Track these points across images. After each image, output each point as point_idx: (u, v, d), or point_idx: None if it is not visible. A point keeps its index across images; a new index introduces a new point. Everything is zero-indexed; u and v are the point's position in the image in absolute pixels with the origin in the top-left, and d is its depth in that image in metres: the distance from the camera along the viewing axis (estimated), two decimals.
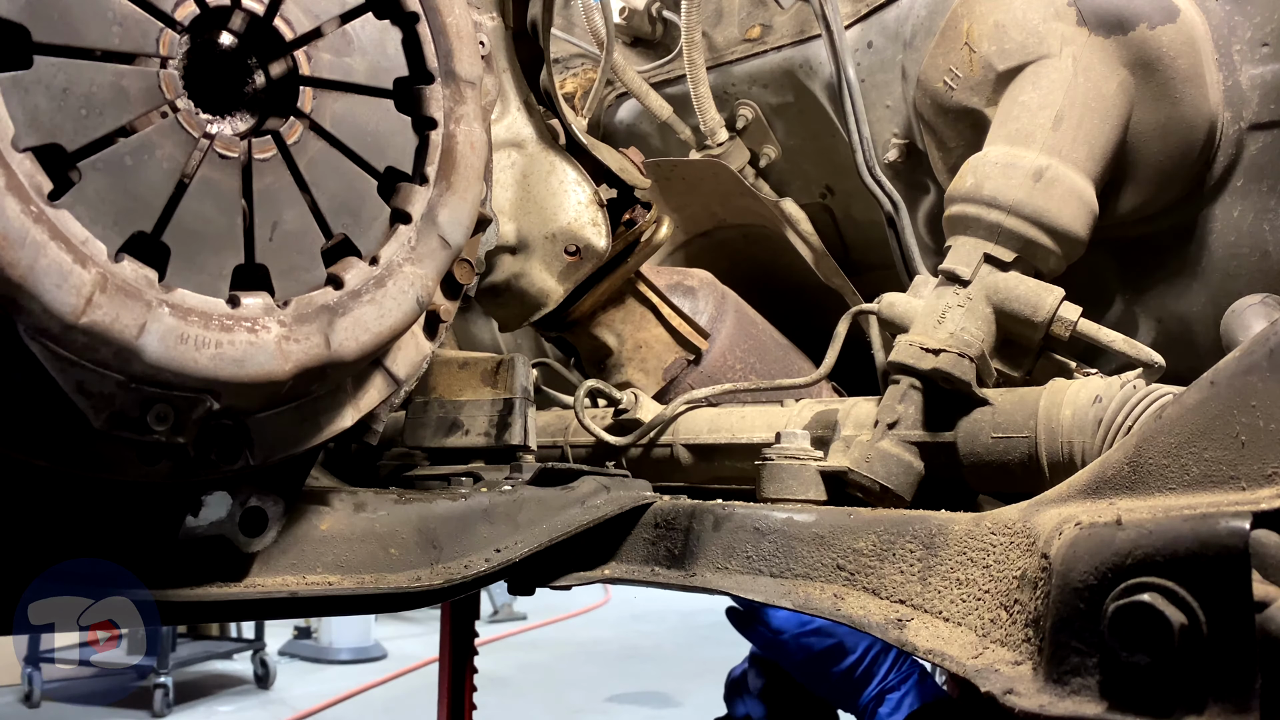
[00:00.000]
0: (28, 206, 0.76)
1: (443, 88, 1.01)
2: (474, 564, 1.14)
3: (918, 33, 1.75)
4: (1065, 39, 1.46)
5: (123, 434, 0.84)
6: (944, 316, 1.33)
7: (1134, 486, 0.77)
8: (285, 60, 0.92)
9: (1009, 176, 1.39)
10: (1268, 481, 0.69)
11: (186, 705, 6.00)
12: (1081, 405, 1.13)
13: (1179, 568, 0.65)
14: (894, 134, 1.87)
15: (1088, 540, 0.71)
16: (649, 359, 1.74)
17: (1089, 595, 0.69)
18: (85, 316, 0.77)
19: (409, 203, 0.98)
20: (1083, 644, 0.69)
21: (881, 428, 1.27)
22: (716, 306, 1.84)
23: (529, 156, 1.57)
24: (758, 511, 1.09)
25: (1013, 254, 1.37)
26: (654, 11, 2.26)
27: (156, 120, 0.83)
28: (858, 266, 2.17)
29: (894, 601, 0.93)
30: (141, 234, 0.83)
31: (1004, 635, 0.80)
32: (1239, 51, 1.46)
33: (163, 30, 0.84)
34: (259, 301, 0.88)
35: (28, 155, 0.77)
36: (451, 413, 1.49)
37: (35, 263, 0.75)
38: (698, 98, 2.09)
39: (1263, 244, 1.49)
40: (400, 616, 8.36)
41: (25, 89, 0.77)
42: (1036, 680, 0.73)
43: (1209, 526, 0.64)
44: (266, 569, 1.04)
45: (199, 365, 0.83)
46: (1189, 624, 0.63)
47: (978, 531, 0.89)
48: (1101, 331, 1.30)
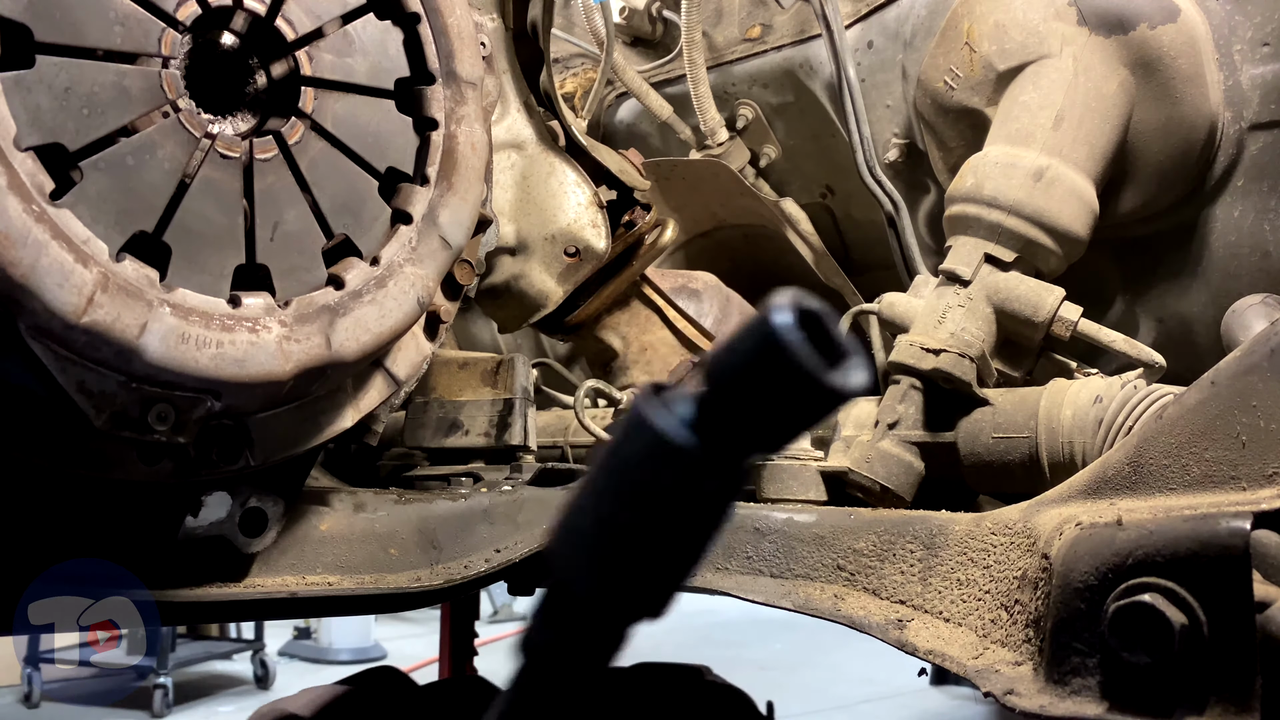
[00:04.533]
0: (29, 206, 0.76)
1: (444, 88, 1.01)
2: (474, 564, 1.14)
3: (918, 32, 1.75)
4: (1066, 39, 1.46)
5: (124, 434, 0.84)
6: (944, 316, 1.33)
7: (1135, 487, 0.77)
8: (287, 60, 0.92)
9: (1009, 176, 1.39)
10: (1268, 482, 0.69)
11: (186, 705, 6.00)
12: (1082, 405, 1.13)
13: (1180, 568, 0.65)
14: (894, 134, 1.87)
15: (1088, 540, 0.71)
16: (654, 362, 1.74)
17: (1090, 595, 0.69)
18: (86, 316, 0.77)
19: (410, 203, 0.98)
20: (1083, 644, 0.69)
21: (882, 428, 1.27)
22: (721, 309, 1.84)
23: (529, 158, 1.57)
24: (758, 511, 1.09)
25: (1013, 254, 1.37)
26: (654, 11, 2.25)
27: (158, 120, 0.83)
28: (858, 266, 2.17)
29: (894, 602, 0.93)
30: (143, 234, 0.83)
31: (1004, 636, 0.80)
32: (1239, 51, 1.46)
33: (165, 30, 0.84)
34: (260, 301, 0.88)
35: (29, 154, 0.77)
36: (451, 413, 1.49)
37: (37, 262, 0.75)
38: (698, 97, 2.09)
39: (1263, 244, 1.49)
40: (400, 617, 8.36)
41: (27, 88, 0.77)
42: (1037, 681, 0.73)
43: (1210, 527, 0.64)
44: (266, 569, 1.04)
45: (200, 365, 0.83)
46: (1190, 624, 0.63)
47: (978, 532, 0.89)
48: (1102, 332, 1.30)
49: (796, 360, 0.40)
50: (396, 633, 7.54)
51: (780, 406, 0.42)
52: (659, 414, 0.44)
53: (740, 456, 0.44)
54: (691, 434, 0.43)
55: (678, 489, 0.44)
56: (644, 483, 0.44)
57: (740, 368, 0.42)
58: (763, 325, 0.41)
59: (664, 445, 0.43)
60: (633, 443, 0.44)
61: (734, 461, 0.44)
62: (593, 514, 0.46)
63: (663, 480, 0.44)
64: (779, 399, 0.41)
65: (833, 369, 0.41)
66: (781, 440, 0.44)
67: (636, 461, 0.44)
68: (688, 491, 0.44)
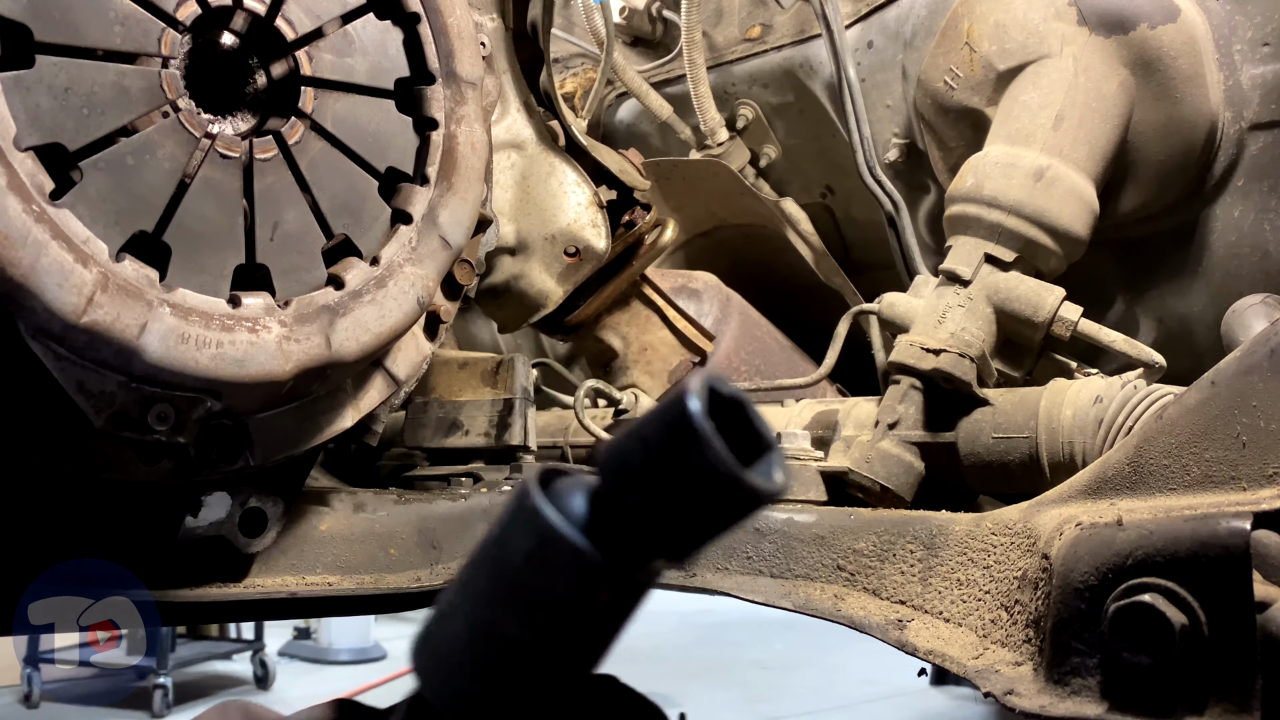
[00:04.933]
0: (29, 206, 0.76)
1: (444, 88, 1.01)
2: None
3: (918, 32, 1.75)
4: (1066, 39, 1.46)
5: (123, 434, 0.84)
6: (944, 316, 1.33)
7: (1135, 487, 0.77)
8: (287, 60, 0.92)
9: (1009, 176, 1.39)
10: (1269, 482, 0.68)
11: (186, 706, 5.99)
12: (1082, 405, 1.13)
13: (1180, 568, 0.64)
14: (894, 134, 1.87)
15: (1089, 541, 0.71)
16: (654, 361, 1.74)
17: (1090, 596, 0.69)
18: (86, 316, 0.77)
19: (410, 203, 0.98)
20: (1083, 644, 0.69)
21: (882, 428, 1.27)
22: (721, 309, 1.84)
23: (529, 158, 1.57)
24: None
25: (1013, 254, 1.37)
26: (654, 11, 2.25)
27: (158, 120, 0.83)
28: (858, 266, 2.17)
29: (894, 602, 0.93)
30: (143, 234, 0.83)
31: (1005, 636, 0.80)
32: (1240, 51, 1.46)
33: (164, 30, 0.84)
34: (260, 301, 0.88)
35: (29, 154, 0.77)
36: (451, 413, 1.49)
37: (37, 262, 0.75)
38: (698, 97, 2.09)
39: (1263, 244, 1.49)
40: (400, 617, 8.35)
41: (27, 88, 0.77)
42: (1037, 681, 0.73)
43: (1210, 527, 0.64)
44: (266, 569, 1.04)
45: (200, 365, 0.83)
46: (1190, 625, 0.63)
47: (978, 532, 0.89)
48: (1102, 331, 1.30)
49: (709, 455, 0.35)
50: (396, 633, 7.53)
51: (689, 508, 0.36)
52: (549, 510, 0.38)
53: (640, 563, 0.39)
54: (584, 536, 0.38)
55: (567, 598, 0.38)
56: (528, 588, 0.38)
57: (645, 461, 0.36)
58: (672, 412, 0.36)
59: (554, 546, 0.38)
60: (519, 539, 0.39)
61: (633, 569, 0.39)
62: (467, 617, 0.40)
63: (551, 588, 0.38)
64: (688, 499, 0.36)
65: (751, 466, 0.36)
66: (689, 547, 0.38)
67: (521, 562, 0.39)
68: (579, 601, 0.38)
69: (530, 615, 0.38)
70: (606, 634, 0.40)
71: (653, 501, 0.36)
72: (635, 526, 0.37)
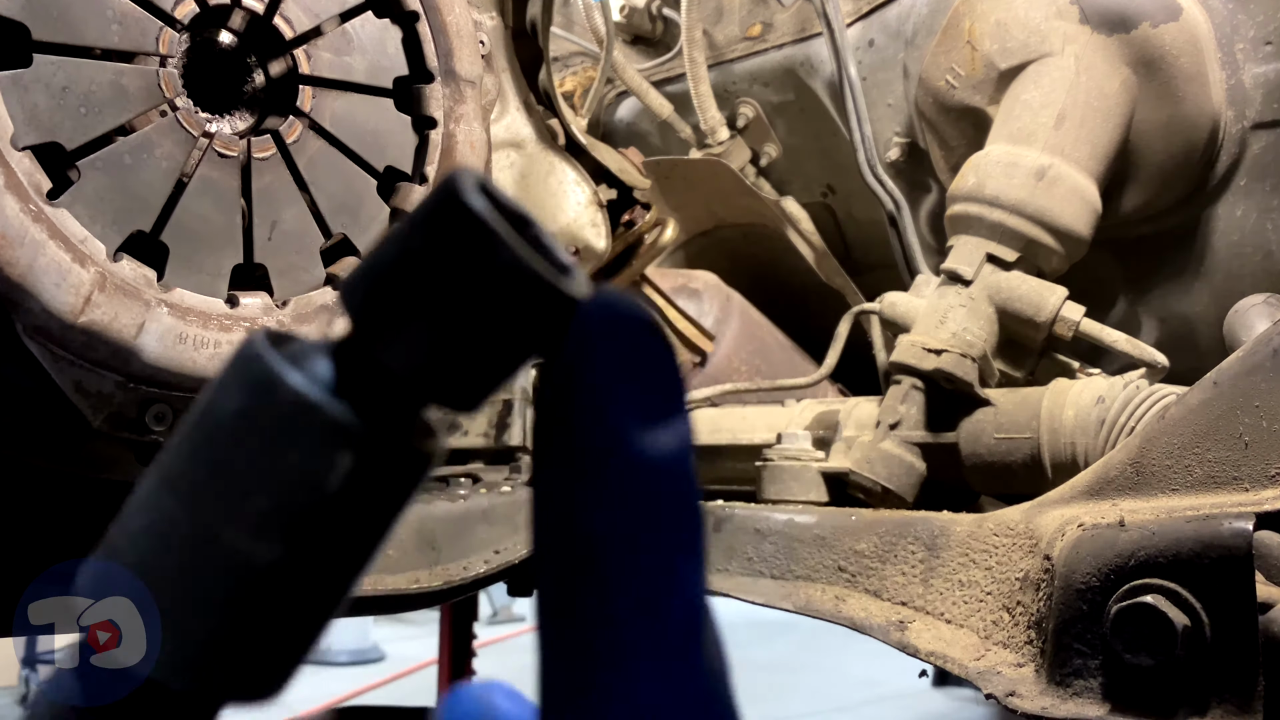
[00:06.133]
0: (27, 205, 0.75)
1: (442, 87, 1.00)
2: (473, 565, 1.14)
3: (919, 31, 1.75)
4: (1067, 37, 1.46)
5: (121, 434, 0.83)
6: (946, 316, 1.33)
7: (1137, 487, 0.76)
8: (285, 59, 0.92)
9: (1011, 176, 1.39)
10: (1271, 482, 0.68)
11: None
12: (1084, 406, 1.13)
13: (1182, 569, 0.64)
14: (896, 133, 1.87)
15: (1091, 542, 0.71)
16: None
17: (1092, 597, 0.69)
18: (84, 316, 0.77)
19: (409, 202, 0.98)
20: (1085, 646, 0.69)
21: (883, 428, 1.27)
22: (721, 309, 1.84)
23: (528, 157, 1.57)
24: (759, 513, 1.09)
25: (1015, 253, 1.36)
26: (654, 9, 2.25)
27: (156, 119, 0.83)
28: (859, 266, 2.16)
29: (896, 603, 0.93)
30: (140, 233, 0.82)
31: (1006, 637, 0.80)
32: (1242, 50, 1.46)
33: (162, 29, 0.84)
34: (258, 301, 0.88)
35: (27, 154, 0.77)
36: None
37: (34, 261, 0.75)
38: (698, 96, 2.09)
39: (1266, 243, 1.48)
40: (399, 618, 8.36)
41: (24, 87, 0.77)
42: (1039, 682, 0.72)
43: (1212, 528, 0.64)
44: None
45: (198, 365, 0.82)
46: (1192, 626, 0.63)
47: (980, 533, 0.89)
48: (1104, 331, 1.30)
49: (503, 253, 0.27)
50: (395, 634, 7.53)
51: (475, 330, 0.27)
52: (285, 368, 0.28)
53: (412, 419, 0.30)
54: (338, 399, 0.28)
55: (320, 487, 0.28)
56: (261, 483, 0.28)
57: (410, 280, 0.27)
58: (444, 208, 0.27)
59: (296, 419, 0.28)
60: (247, 420, 0.28)
61: (405, 430, 0.29)
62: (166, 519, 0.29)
63: (294, 476, 0.28)
64: (473, 317, 0.27)
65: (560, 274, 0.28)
66: (478, 388, 0.29)
67: (251, 446, 0.28)
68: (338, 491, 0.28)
69: (266, 522, 0.28)
70: (376, 532, 0.30)
71: (425, 330, 0.27)
72: (402, 371, 0.28)
